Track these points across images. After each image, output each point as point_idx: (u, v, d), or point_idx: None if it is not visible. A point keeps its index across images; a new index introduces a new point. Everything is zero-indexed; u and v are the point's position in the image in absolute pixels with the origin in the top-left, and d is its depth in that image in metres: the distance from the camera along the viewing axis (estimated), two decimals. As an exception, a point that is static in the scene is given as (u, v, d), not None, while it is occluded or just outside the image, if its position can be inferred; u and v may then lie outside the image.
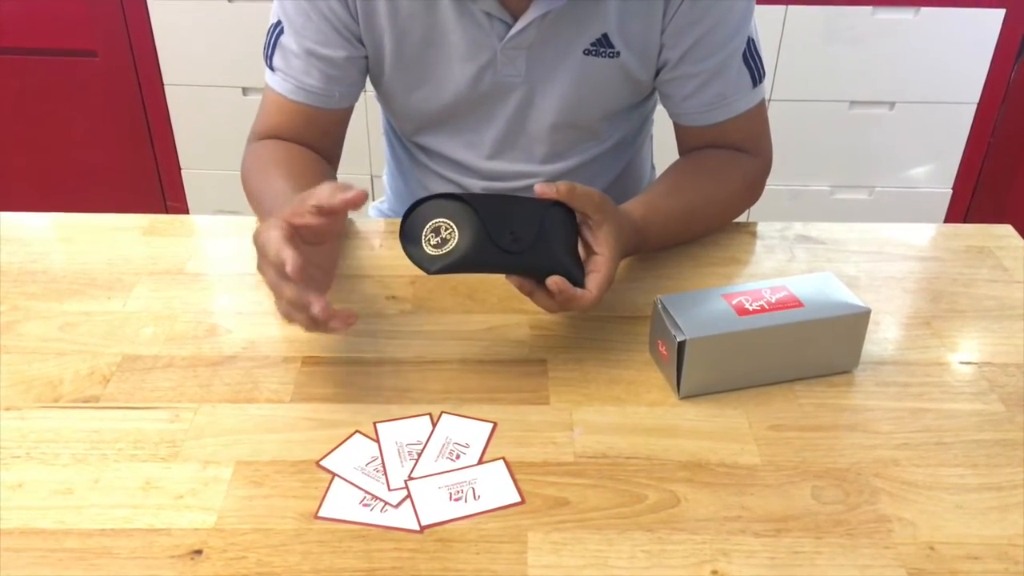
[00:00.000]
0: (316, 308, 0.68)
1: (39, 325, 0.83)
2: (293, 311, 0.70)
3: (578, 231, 0.79)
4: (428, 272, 0.72)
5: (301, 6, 0.91)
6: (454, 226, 0.72)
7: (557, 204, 0.77)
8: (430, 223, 0.73)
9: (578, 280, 0.77)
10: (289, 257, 0.67)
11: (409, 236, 0.74)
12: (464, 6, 0.90)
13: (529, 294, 0.77)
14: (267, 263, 0.70)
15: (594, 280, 0.77)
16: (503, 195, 0.76)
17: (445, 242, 0.72)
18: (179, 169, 2.20)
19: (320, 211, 0.71)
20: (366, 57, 0.97)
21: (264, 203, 0.90)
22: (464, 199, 0.73)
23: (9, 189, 2.24)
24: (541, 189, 0.76)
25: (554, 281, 0.74)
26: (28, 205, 1.06)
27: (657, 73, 0.97)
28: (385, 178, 1.22)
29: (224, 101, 2.06)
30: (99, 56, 2.05)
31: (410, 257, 0.73)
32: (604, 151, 1.05)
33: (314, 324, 0.71)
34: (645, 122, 1.11)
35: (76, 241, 0.97)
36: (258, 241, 0.71)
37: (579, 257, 0.79)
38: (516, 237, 0.73)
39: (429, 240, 0.72)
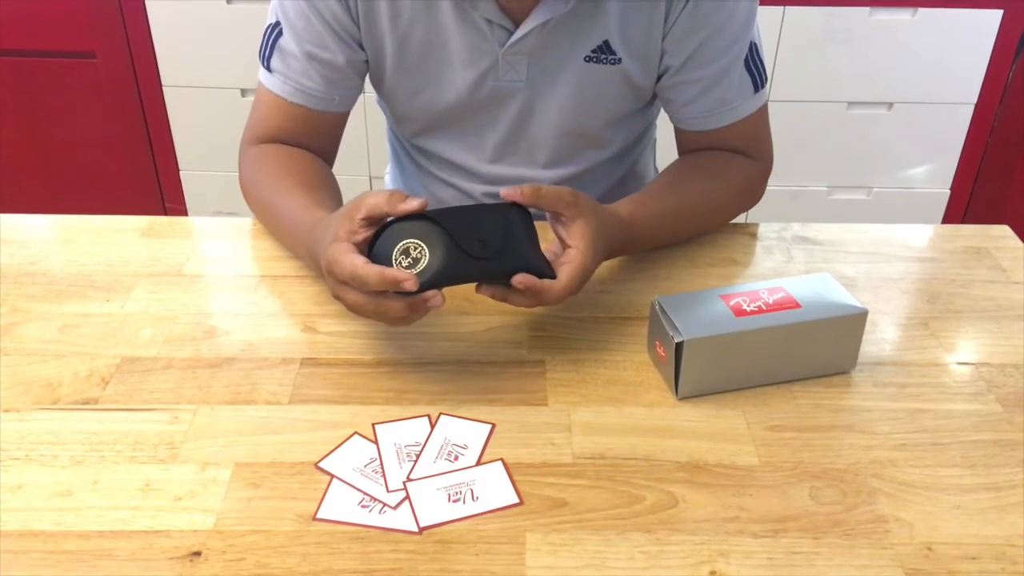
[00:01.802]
0: (436, 301, 0.71)
1: (38, 327, 0.84)
2: (399, 317, 0.72)
3: (535, 229, 0.78)
4: (408, 294, 0.72)
5: (301, 9, 0.91)
6: (423, 244, 0.72)
7: (515, 204, 0.77)
8: (398, 246, 0.72)
9: (547, 274, 0.76)
10: (381, 274, 0.69)
11: (380, 263, 0.73)
12: (465, 12, 0.90)
13: (503, 299, 0.76)
14: (347, 288, 0.72)
15: (565, 271, 0.76)
16: (462, 206, 0.76)
17: (417, 261, 0.72)
18: (177, 171, 2.20)
19: (371, 221, 0.73)
20: (366, 61, 0.97)
21: (280, 214, 0.90)
22: (427, 216, 0.73)
23: (8, 191, 2.24)
24: (506, 193, 0.76)
25: (519, 280, 0.73)
26: (27, 207, 1.06)
27: (658, 79, 0.97)
28: (387, 179, 1.22)
29: (222, 102, 2.06)
30: (97, 57, 2.05)
31: None
32: (607, 158, 1.05)
33: (412, 313, 0.73)
34: (648, 127, 1.11)
35: (75, 243, 0.97)
36: (333, 270, 0.72)
37: (544, 255, 0.78)
38: (485, 243, 0.73)
39: (400, 263, 0.72)
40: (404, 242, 0.72)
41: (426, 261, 0.72)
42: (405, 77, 0.96)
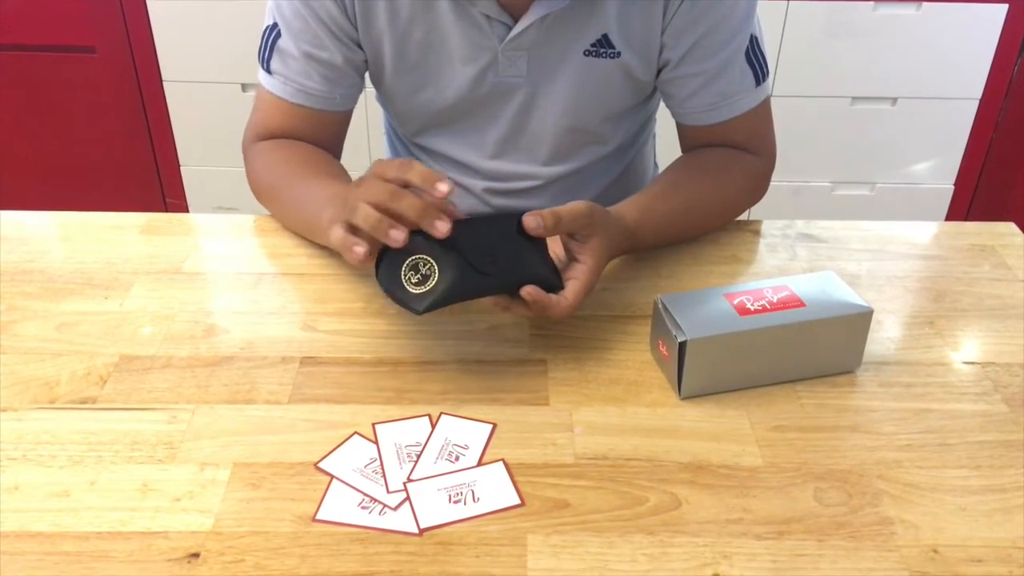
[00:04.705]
0: (445, 186, 0.69)
1: (36, 325, 0.83)
2: (412, 207, 0.69)
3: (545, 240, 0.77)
4: (417, 313, 0.70)
5: (297, 9, 0.91)
6: (432, 260, 0.70)
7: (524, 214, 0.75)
8: (407, 261, 0.71)
9: (556, 286, 0.76)
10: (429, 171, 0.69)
11: (388, 278, 0.71)
12: (463, 8, 0.89)
13: (506, 309, 0.76)
14: (373, 178, 0.71)
15: (572, 287, 0.77)
16: (472, 218, 0.74)
17: (427, 279, 0.70)
18: (178, 166, 2.19)
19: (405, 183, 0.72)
20: (365, 60, 0.96)
21: (308, 206, 0.88)
22: None
23: (7, 186, 2.23)
24: (531, 227, 0.74)
25: (528, 292, 0.73)
26: (27, 202, 1.06)
27: (658, 73, 0.96)
28: None
29: (223, 97, 2.06)
30: (98, 52, 2.04)
31: (394, 300, 0.72)
32: (607, 153, 1.04)
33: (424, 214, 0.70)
34: (648, 122, 1.10)
35: (73, 240, 0.96)
36: (374, 169, 0.72)
37: (554, 264, 0.78)
38: (496, 258, 0.72)
39: (410, 279, 0.70)
40: (413, 258, 0.71)
41: (436, 278, 0.70)
42: (405, 76, 0.96)
